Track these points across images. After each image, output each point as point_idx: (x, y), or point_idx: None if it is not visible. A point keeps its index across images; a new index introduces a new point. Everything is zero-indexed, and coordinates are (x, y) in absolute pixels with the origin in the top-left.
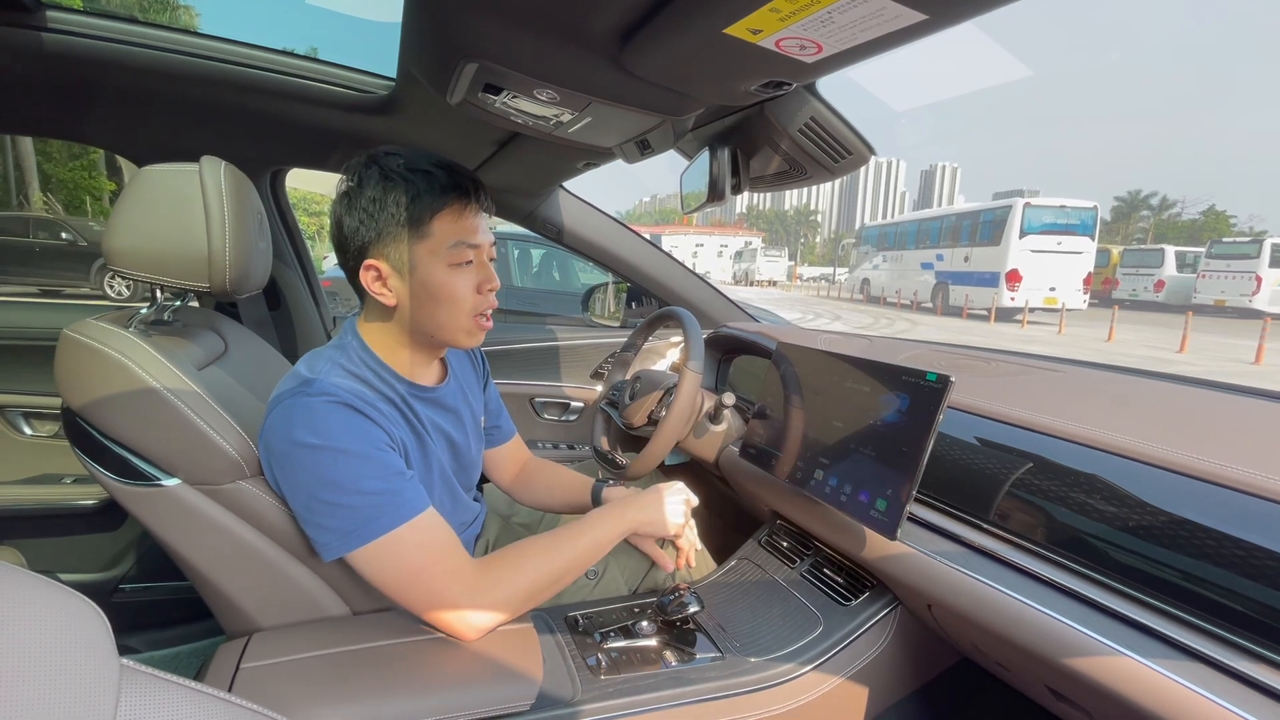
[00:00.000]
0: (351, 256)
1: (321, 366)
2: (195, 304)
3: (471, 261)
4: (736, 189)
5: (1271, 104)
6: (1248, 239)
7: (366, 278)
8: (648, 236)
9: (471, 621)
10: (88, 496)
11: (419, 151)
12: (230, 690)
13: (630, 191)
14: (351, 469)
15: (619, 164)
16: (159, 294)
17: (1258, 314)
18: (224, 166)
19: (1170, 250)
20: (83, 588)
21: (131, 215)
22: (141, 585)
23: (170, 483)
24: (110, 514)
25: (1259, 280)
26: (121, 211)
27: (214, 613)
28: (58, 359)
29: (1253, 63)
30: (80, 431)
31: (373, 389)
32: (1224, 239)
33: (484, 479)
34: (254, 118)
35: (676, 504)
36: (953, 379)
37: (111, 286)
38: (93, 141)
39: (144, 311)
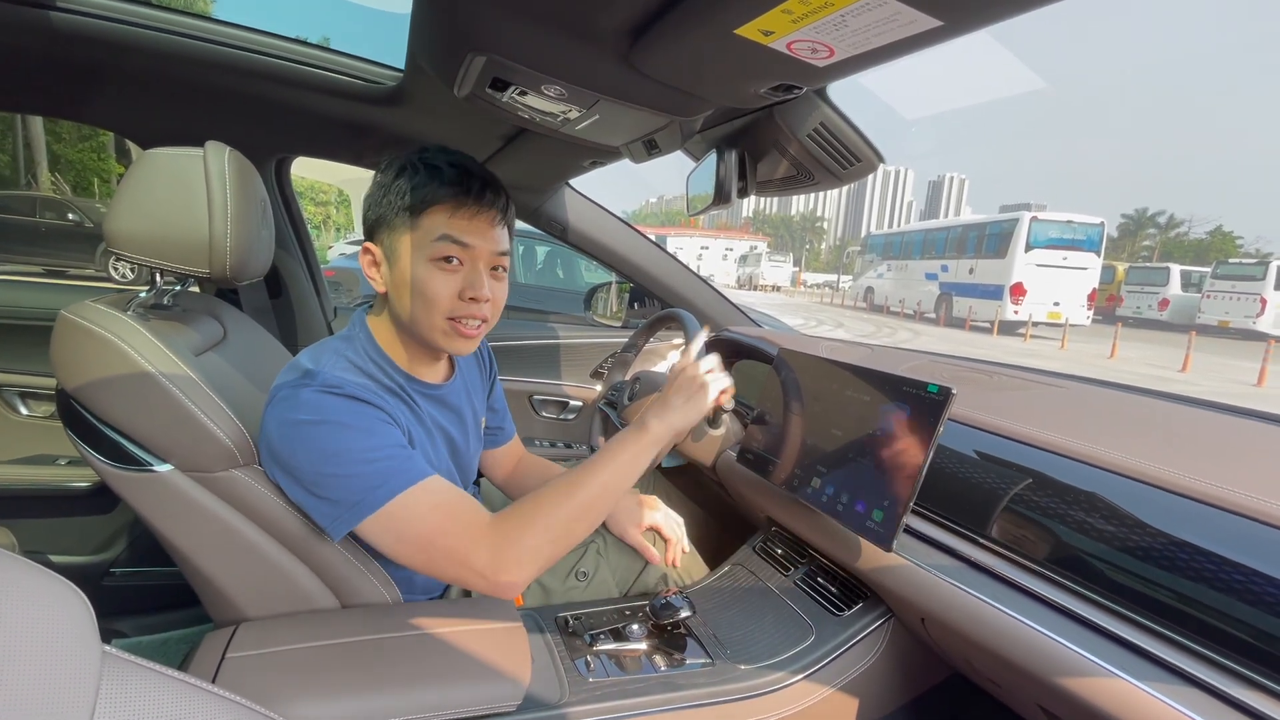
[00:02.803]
0: (366, 237)
1: (325, 359)
2: (196, 290)
3: (460, 262)
4: (743, 192)
5: None
6: (1254, 260)
7: (364, 260)
8: (653, 238)
9: (503, 578)
10: (81, 479)
11: (445, 150)
12: (215, 680)
13: (637, 192)
14: (354, 440)
15: (626, 164)
16: (158, 278)
17: (1261, 336)
18: (228, 152)
19: (1176, 269)
20: (74, 570)
21: (134, 198)
22: (133, 570)
23: (163, 468)
24: (103, 497)
25: (1264, 302)
26: (124, 194)
27: (202, 601)
28: (54, 340)
29: (1264, 82)
30: (74, 414)
31: (377, 382)
32: (1230, 260)
33: (478, 474)
34: (261, 104)
35: (699, 388)
36: (954, 391)
37: (116, 269)
38: (99, 123)
39: (143, 295)
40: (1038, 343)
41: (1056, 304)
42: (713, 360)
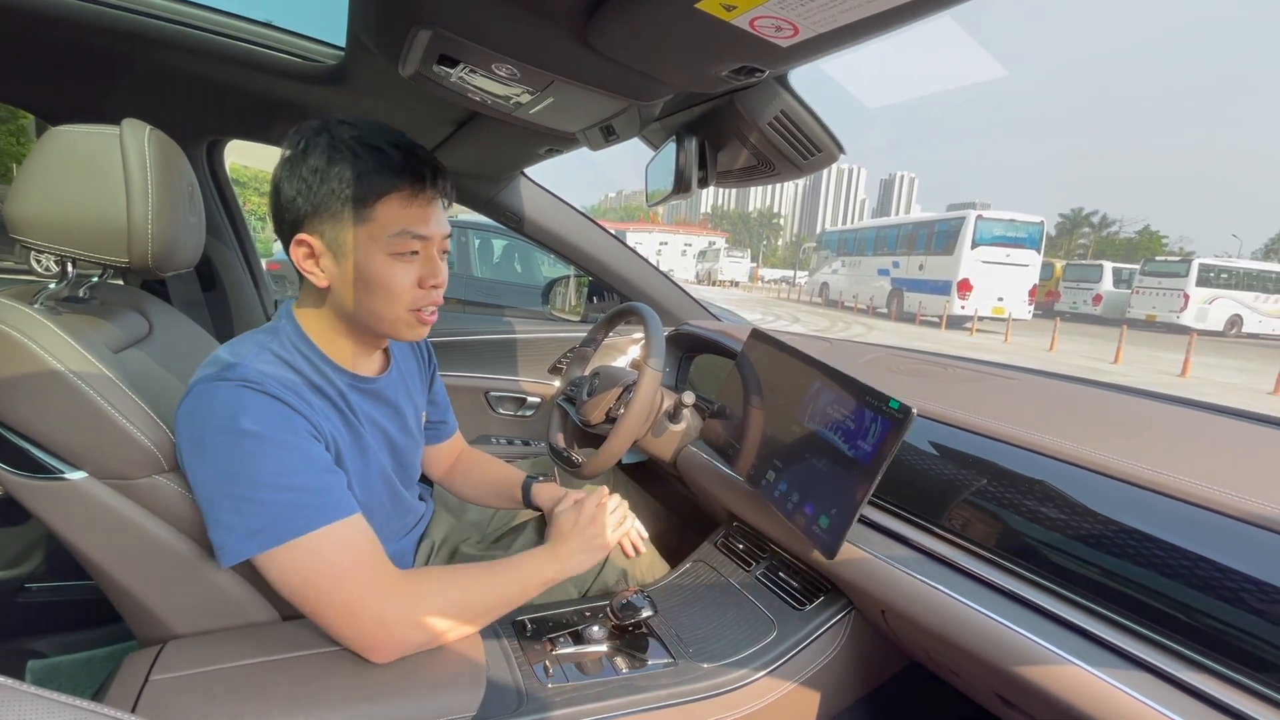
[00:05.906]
0: (286, 227)
1: (247, 351)
2: (120, 282)
3: (417, 253)
4: (703, 182)
5: (1204, 129)
6: (1178, 259)
7: (297, 253)
8: (612, 232)
9: (408, 635)
10: None
11: (378, 125)
12: (136, 707)
13: (596, 186)
14: (270, 460)
15: (585, 157)
16: (70, 268)
17: (1184, 329)
18: (149, 130)
19: (1109, 266)
20: None
21: (39, 179)
22: (51, 584)
23: (75, 476)
24: (16, 506)
25: (1186, 298)
26: (27, 175)
27: (125, 618)
28: None
29: (1187, 90)
30: None
31: (304, 378)
32: (1156, 258)
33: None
34: (191, 82)
35: (599, 533)
36: (914, 410)
37: (39, 261)
38: (5, 98)
39: (53, 287)
40: (983, 336)
41: (1000, 299)
42: (616, 500)
